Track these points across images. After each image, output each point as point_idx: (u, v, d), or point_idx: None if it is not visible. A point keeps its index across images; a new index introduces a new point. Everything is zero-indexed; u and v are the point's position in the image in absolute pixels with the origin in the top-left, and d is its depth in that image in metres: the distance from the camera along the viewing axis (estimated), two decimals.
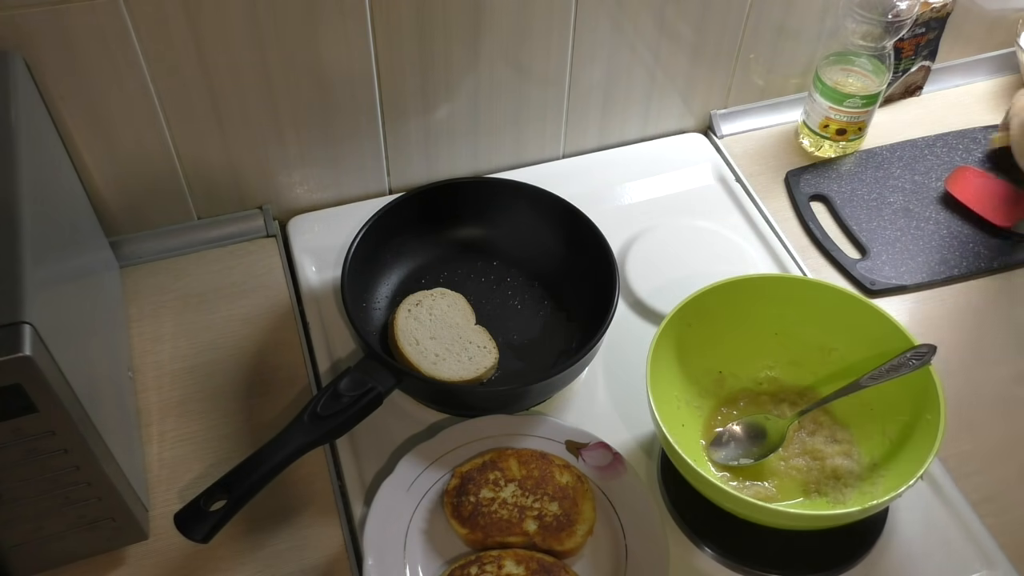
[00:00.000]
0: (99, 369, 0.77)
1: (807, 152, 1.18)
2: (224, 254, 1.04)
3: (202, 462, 0.86)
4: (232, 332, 0.96)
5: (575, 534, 0.79)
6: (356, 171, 1.07)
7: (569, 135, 1.15)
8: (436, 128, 1.06)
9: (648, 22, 1.06)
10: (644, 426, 0.90)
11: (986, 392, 0.94)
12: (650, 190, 1.13)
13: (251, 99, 0.95)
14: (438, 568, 0.79)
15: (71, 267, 0.76)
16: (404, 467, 0.84)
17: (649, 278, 1.02)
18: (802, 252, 1.07)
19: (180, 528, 0.73)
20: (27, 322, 0.58)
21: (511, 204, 1.02)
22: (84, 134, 0.91)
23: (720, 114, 1.20)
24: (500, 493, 0.81)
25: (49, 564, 0.77)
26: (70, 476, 0.67)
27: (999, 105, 1.26)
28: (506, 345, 0.95)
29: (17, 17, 0.80)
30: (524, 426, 0.87)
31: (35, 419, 0.62)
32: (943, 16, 1.18)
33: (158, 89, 0.91)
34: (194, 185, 1.01)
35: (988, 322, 1.00)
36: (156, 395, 0.91)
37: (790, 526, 0.79)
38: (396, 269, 1.01)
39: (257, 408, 0.90)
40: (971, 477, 0.88)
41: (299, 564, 0.80)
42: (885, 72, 1.09)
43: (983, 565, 0.82)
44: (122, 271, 1.00)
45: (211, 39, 0.89)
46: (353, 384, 0.82)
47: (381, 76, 0.99)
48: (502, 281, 1.01)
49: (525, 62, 1.04)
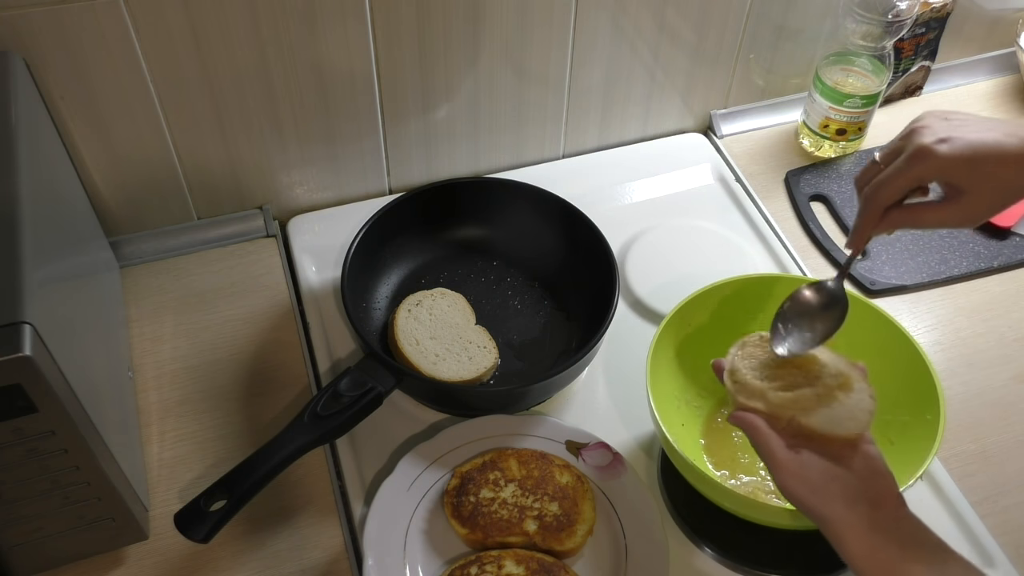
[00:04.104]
0: (99, 369, 0.77)
1: (807, 152, 1.18)
2: (224, 254, 1.04)
3: (202, 462, 0.86)
4: (232, 332, 0.96)
5: (575, 534, 0.79)
6: (356, 171, 1.07)
7: (569, 135, 1.15)
8: (436, 128, 1.06)
9: (648, 22, 1.06)
10: (644, 426, 0.90)
11: (986, 392, 0.94)
12: (650, 190, 1.13)
13: (251, 99, 0.95)
14: (438, 568, 0.79)
15: (71, 267, 0.76)
16: (404, 467, 0.84)
17: (649, 278, 1.02)
18: (802, 252, 1.07)
19: (180, 528, 0.73)
20: (27, 322, 0.58)
21: (511, 204, 1.02)
22: (84, 134, 0.91)
23: (720, 114, 1.20)
24: (500, 493, 0.81)
25: (49, 564, 0.77)
26: (70, 476, 0.67)
27: (999, 105, 1.26)
28: (506, 345, 0.95)
29: (17, 17, 0.80)
30: (524, 426, 0.87)
31: (35, 419, 0.62)
32: (943, 16, 1.18)
33: (158, 89, 0.91)
34: (194, 185, 1.01)
35: (988, 322, 1.00)
36: (156, 395, 0.91)
37: (790, 525, 0.79)
38: (396, 269, 1.01)
39: (257, 408, 0.90)
40: (971, 477, 0.88)
41: (299, 564, 0.80)
42: (885, 72, 1.09)
43: (983, 565, 0.82)
44: (122, 271, 1.00)
45: (211, 39, 0.89)
46: (353, 384, 0.82)
47: (381, 76, 0.99)
48: (502, 281, 1.01)
49: (525, 62, 1.04)
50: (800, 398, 0.69)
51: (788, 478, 0.66)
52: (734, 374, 0.73)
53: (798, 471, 0.66)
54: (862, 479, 0.66)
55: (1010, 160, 0.66)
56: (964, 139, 0.67)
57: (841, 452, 0.67)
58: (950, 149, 0.67)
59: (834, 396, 0.69)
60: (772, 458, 0.68)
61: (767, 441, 0.68)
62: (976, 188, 0.68)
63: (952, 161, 0.67)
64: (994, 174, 0.67)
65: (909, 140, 0.70)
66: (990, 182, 0.67)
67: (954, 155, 0.67)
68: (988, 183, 0.68)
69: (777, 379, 0.72)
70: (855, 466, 0.66)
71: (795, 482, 0.66)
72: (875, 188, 0.71)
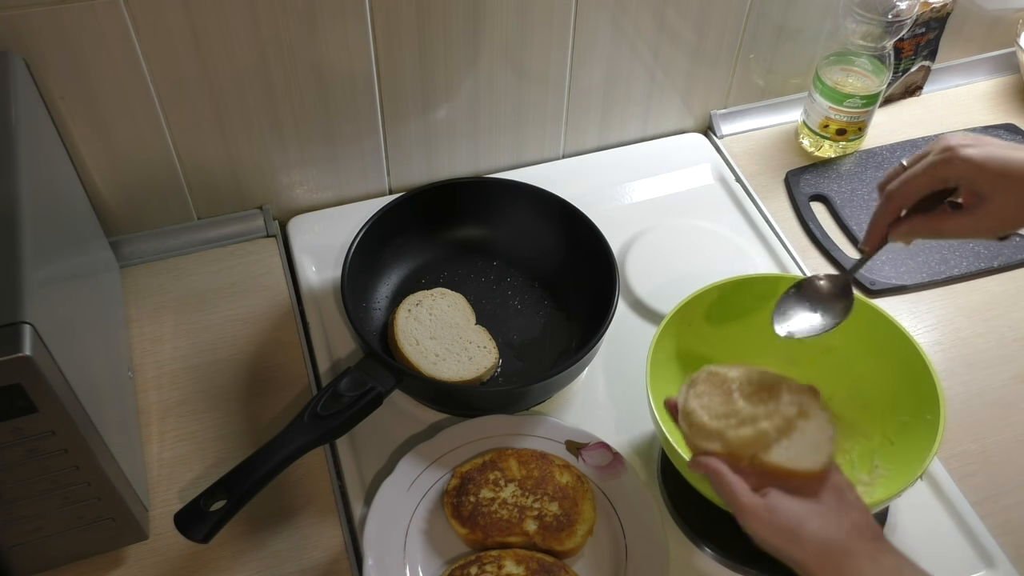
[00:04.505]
0: (99, 369, 0.77)
1: (807, 152, 1.18)
2: (224, 254, 1.04)
3: (202, 462, 0.86)
4: (232, 332, 0.96)
5: (575, 534, 0.79)
6: (356, 171, 1.07)
7: (569, 135, 1.15)
8: (436, 128, 1.06)
9: (648, 22, 1.06)
10: (644, 426, 0.90)
11: (986, 392, 0.94)
12: (650, 190, 1.13)
13: (251, 99, 0.95)
14: (438, 568, 0.79)
15: (71, 267, 0.76)
16: (404, 467, 0.84)
17: (649, 278, 1.02)
18: (802, 252, 1.07)
19: (180, 528, 0.73)
20: (27, 322, 0.58)
21: (511, 204, 1.02)
22: (84, 134, 0.91)
23: (720, 114, 1.20)
24: (500, 493, 0.81)
25: (49, 564, 0.77)
26: (70, 476, 0.67)
27: (999, 105, 1.26)
28: (506, 345, 0.95)
29: (17, 17, 0.80)
30: (524, 426, 0.87)
31: (35, 419, 0.62)
32: (943, 16, 1.18)
33: (158, 89, 0.91)
34: (194, 185, 1.01)
35: (988, 322, 1.00)
36: (156, 395, 0.91)
37: None
38: (396, 269, 1.01)
39: (257, 408, 0.90)
40: (971, 477, 0.88)
41: (299, 564, 0.80)
42: (885, 72, 1.09)
43: (983, 565, 0.82)
44: (122, 271, 1.01)
45: (211, 39, 0.89)
46: (353, 384, 0.82)
47: (381, 76, 0.99)
48: (502, 281, 1.01)
49: (525, 62, 1.04)
50: (760, 435, 0.66)
51: (759, 526, 0.63)
52: (689, 416, 0.70)
53: (768, 517, 0.63)
54: (835, 514, 0.63)
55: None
56: (990, 147, 0.68)
57: (808, 486, 0.64)
58: (977, 153, 0.68)
59: (794, 426, 0.67)
60: (738, 505, 0.64)
61: (732, 488, 0.65)
62: (999, 196, 0.68)
63: (978, 165, 0.68)
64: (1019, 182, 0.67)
65: (936, 144, 0.70)
66: (1013, 191, 0.68)
67: (981, 158, 0.68)
68: (1011, 192, 0.68)
69: (732, 416, 0.68)
70: (825, 500, 0.64)
71: (767, 530, 0.63)
72: (898, 185, 0.71)
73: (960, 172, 0.69)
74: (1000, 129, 1.21)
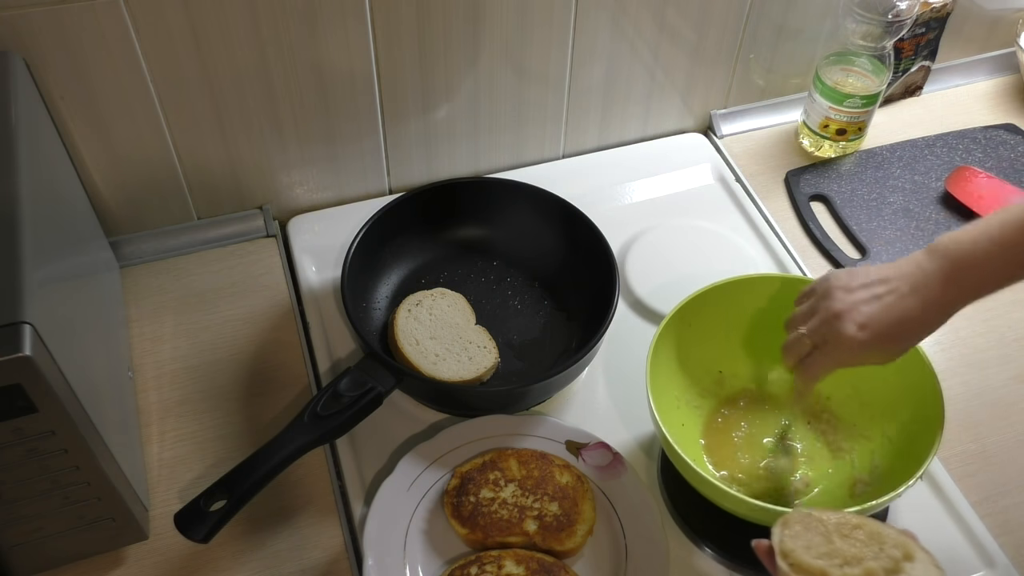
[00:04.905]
0: (99, 369, 0.77)
1: (807, 152, 1.18)
2: (224, 254, 1.04)
3: (202, 462, 0.86)
4: (232, 332, 0.96)
5: (575, 534, 0.79)
6: (356, 171, 1.07)
7: (569, 135, 1.15)
8: (436, 128, 1.06)
9: (648, 22, 1.06)
10: (644, 426, 0.90)
11: (986, 392, 0.94)
12: (650, 190, 1.13)
13: (251, 99, 0.95)
14: (438, 568, 0.79)
15: (71, 267, 0.76)
16: (404, 467, 0.84)
17: (649, 278, 1.02)
18: (802, 252, 1.07)
19: (180, 528, 0.73)
20: (27, 322, 0.58)
21: (511, 204, 1.02)
22: (84, 134, 0.91)
23: (720, 114, 1.20)
24: (500, 493, 0.81)
25: (49, 564, 0.77)
26: (70, 476, 0.68)
27: (999, 105, 1.26)
28: (506, 345, 0.95)
29: (17, 17, 0.80)
30: (524, 426, 0.87)
31: (35, 419, 0.62)
32: (943, 16, 1.18)
33: (158, 89, 0.91)
34: (194, 185, 1.01)
35: (988, 322, 1.00)
36: (156, 395, 0.91)
37: None
38: (396, 269, 1.01)
39: (257, 408, 0.90)
40: (971, 477, 0.88)
41: (299, 564, 0.80)
42: (885, 72, 1.09)
43: (983, 565, 0.82)
44: (122, 271, 1.01)
45: (211, 39, 0.89)
46: (353, 384, 0.82)
47: (381, 76, 0.99)
48: (502, 281, 1.01)
49: (525, 62, 1.04)
50: (868, 574, 0.64)
51: None
52: (788, 556, 0.67)
53: None
54: None
55: (927, 329, 0.71)
56: (881, 321, 0.71)
57: None
58: (870, 336, 0.71)
59: (901, 569, 0.65)
60: None
61: None
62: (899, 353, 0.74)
63: (872, 347, 0.72)
64: (912, 341, 0.73)
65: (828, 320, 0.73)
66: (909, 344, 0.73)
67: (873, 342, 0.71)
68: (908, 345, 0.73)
69: (835, 555, 0.66)
70: None
71: None
72: (808, 368, 0.76)
73: (860, 359, 0.73)
74: (1000, 129, 1.21)
